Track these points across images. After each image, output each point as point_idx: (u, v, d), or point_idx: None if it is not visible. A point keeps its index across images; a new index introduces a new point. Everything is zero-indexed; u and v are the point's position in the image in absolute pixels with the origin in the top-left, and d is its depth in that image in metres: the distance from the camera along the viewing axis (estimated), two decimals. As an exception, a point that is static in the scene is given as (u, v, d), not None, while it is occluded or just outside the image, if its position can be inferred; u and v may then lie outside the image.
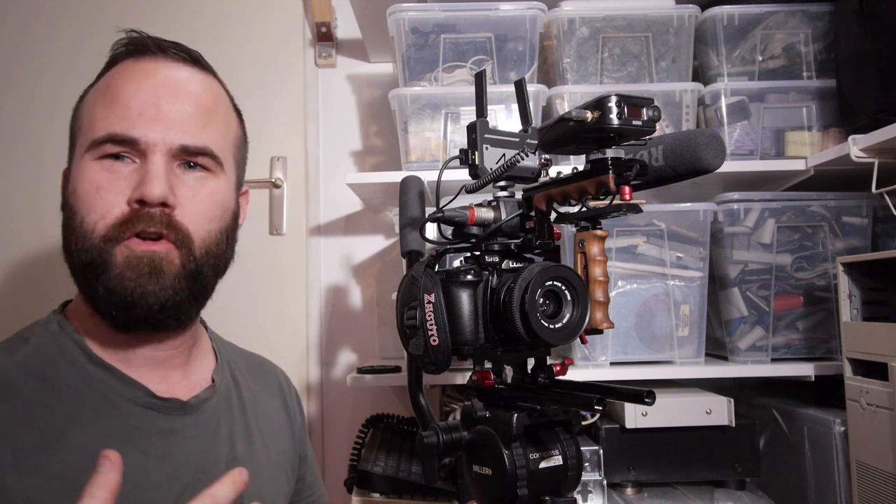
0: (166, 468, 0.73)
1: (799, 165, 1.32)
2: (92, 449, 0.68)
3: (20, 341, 0.75)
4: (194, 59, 0.81)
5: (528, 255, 0.68)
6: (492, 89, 1.30)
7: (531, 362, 0.68)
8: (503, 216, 0.66)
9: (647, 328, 1.30)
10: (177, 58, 0.79)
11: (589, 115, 0.56)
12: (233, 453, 0.81)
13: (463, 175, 0.67)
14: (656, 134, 0.60)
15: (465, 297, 0.63)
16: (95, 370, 0.73)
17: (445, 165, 0.72)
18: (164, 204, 0.72)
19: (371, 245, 1.75)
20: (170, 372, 0.80)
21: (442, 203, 0.68)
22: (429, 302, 0.62)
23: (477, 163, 0.65)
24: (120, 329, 0.75)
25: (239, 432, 0.83)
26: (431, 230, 0.71)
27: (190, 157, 0.76)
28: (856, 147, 1.15)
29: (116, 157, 0.73)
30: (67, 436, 0.68)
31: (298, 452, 0.96)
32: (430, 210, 0.72)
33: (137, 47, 0.78)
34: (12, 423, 0.67)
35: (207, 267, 0.77)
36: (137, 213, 0.71)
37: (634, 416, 1.19)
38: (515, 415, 0.62)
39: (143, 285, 0.71)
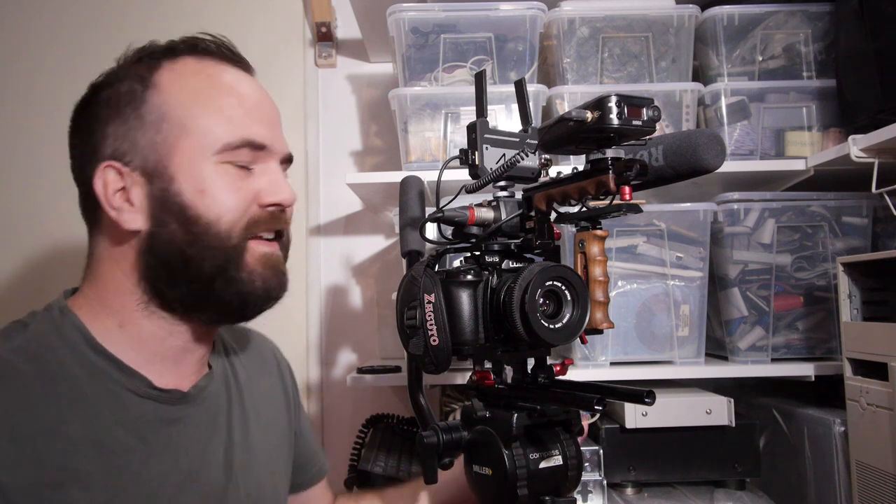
0: (168, 458, 0.73)
1: (799, 165, 1.32)
2: (93, 439, 0.68)
3: (19, 327, 0.74)
4: (248, 64, 0.84)
5: (528, 255, 0.68)
6: (492, 89, 1.30)
7: (531, 362, 0.68)
8: (503, 216, 0.66)
9: (647, 328, 1.30)
10: (246, 67, 0.83)
11: (589, 115, 0.56)
12: (230, 440, 0.81)
13: (463, 175, 0.67)
14: (656, 134, 0.60)
15: (465, 297, 0.63)
16: (96, 358, 0.73)
17: (445, 165, 0.72)
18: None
19: (371, 245, 1.75)
20: (185, 358, 0.80)
21: (442, 203, 0.68)
22: (429, 302, 0.62)
23: (477, 163, 0.65)
24: (209, 323, 0.80)
25: (236, 418, 0.84)
26: (431, 230, 0.71)
27: (286, 165, 0.83)
28: (856, 147, 1.15)
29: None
30: (67, 425, 0.68)
31: (294, 429, 0.97)
32: (430, 210, 0.72)
33: (213, 49, 0.81)
34: (12, 409, 0.66)
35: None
36: (272, 215, 0.78)
37: (634, 416, 1.19)
38: (515, 415, 0.62)
39: (280, 278, 0.80)
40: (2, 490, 0.63)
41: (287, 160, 0.83)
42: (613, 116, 0.55)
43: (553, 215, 0.66)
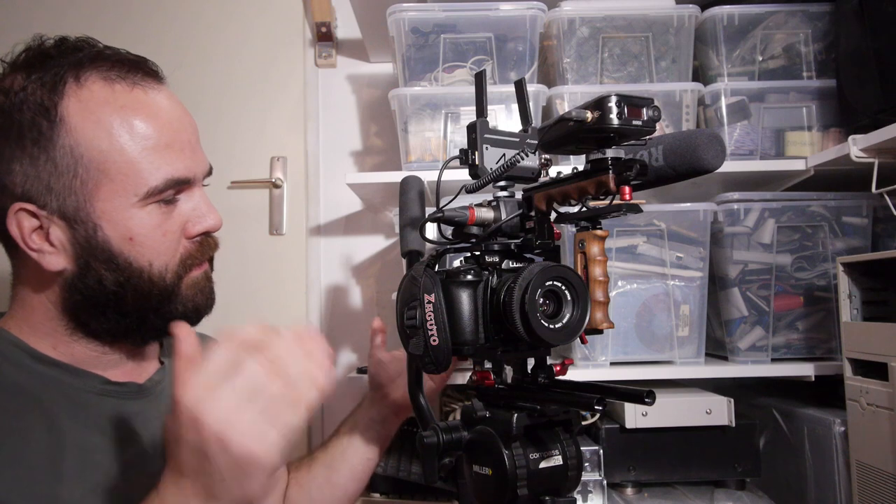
0: (135, 449, 0.75)
1: (799, 165, 1.32)
2: (62, 442, 0.69)
3: None
4: (161, 75, 0.79)
5: (528, 255, 0.68)
6: (492, 89, 1.30)
7: (531, 362, 0.68)
8: (503, 216, 0.66)
9: (647, 328, 1.30)
10: (158, 78, 0.77)
11: (589, 115, 0.56)
12: None
13: (463, 175, 0.67)
14: (656, 134, 0.60)
15: (465, 297, 0.63)
16: (44, 368, 0.73)
17: (445, 165, 0.72)
18: None
19: (371, 245, 1.75)
20: (135, 362, 0.81)
21: (442, 203, 0.68)
22: (429, 302, 0.62)
23: (477, 163, 0.65)
24: (141, 345, 0.80)
25: None
26: (431, 230, 0.71)
27: (206, 178, 0.80)
28: (856, 147, 1.15)
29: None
30: (36, 432, 0.68)
31: None
32: (430, 210, 0.72)
33: (116, 61, 0.73)
34: None
35: None
36: (202, 245, 0.78)
37: (634, 416, 1.19)
38: (515, 415, 0.62)
39: (210, 297, 0.80)
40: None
41: (207, 175, 0.81)
42: (613, 116, 0.55)
43: (553, 215, 0.66)
